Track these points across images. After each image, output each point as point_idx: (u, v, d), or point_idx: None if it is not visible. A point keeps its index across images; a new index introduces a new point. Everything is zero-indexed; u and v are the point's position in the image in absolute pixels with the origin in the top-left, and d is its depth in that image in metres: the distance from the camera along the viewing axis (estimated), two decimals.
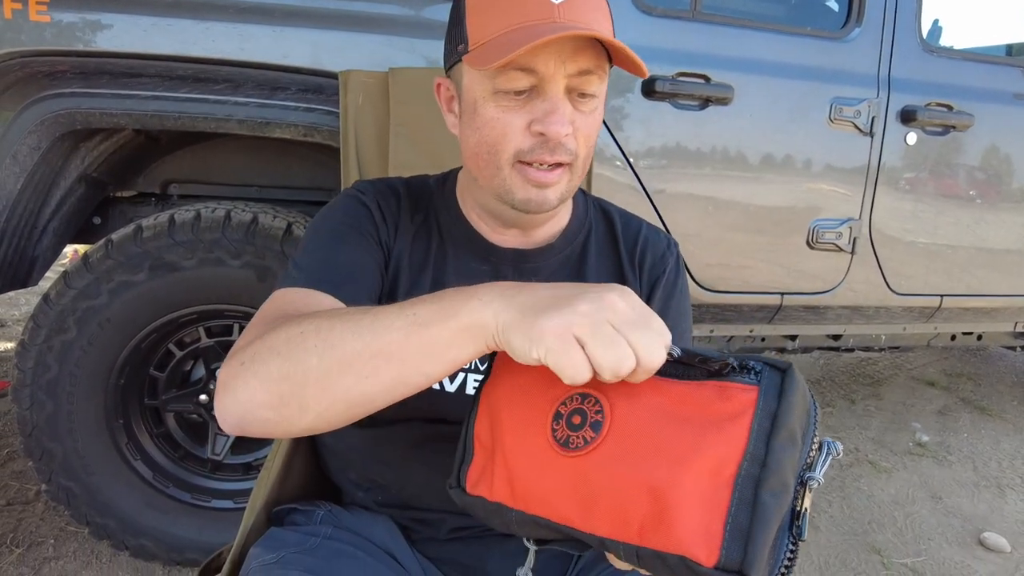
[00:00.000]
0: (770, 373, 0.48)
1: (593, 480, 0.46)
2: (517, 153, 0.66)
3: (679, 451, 0.45)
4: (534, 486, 0.50)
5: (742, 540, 0.42)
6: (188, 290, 1.34)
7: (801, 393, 0.47)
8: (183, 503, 1.47)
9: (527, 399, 0.52)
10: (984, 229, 1.87)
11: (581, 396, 0.49)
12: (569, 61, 0.63)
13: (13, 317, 3.48)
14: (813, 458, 0.47)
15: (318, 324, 0.52)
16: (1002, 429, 2.62)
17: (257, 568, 0.69)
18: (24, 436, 1.36)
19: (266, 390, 0.52)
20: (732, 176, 1.60)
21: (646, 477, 0.45)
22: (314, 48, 1.30)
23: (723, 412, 0.46)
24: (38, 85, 1.23)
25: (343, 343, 0.50)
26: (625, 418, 0.47)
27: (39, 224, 1.39)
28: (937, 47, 1.79)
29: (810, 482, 0.46)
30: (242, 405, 0.53)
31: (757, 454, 0.44)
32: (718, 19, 1.55)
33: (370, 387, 0.50)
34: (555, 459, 0.48)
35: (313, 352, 0.51)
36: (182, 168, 1.62)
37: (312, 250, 0.70)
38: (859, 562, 1.71)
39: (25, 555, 1.52)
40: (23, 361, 1.32)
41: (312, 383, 0.51)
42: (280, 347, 0.52)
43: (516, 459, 0.51)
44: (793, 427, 0.46)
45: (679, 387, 0.49)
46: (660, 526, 0.44)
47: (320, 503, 0.80)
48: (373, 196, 0.77)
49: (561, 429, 0.49)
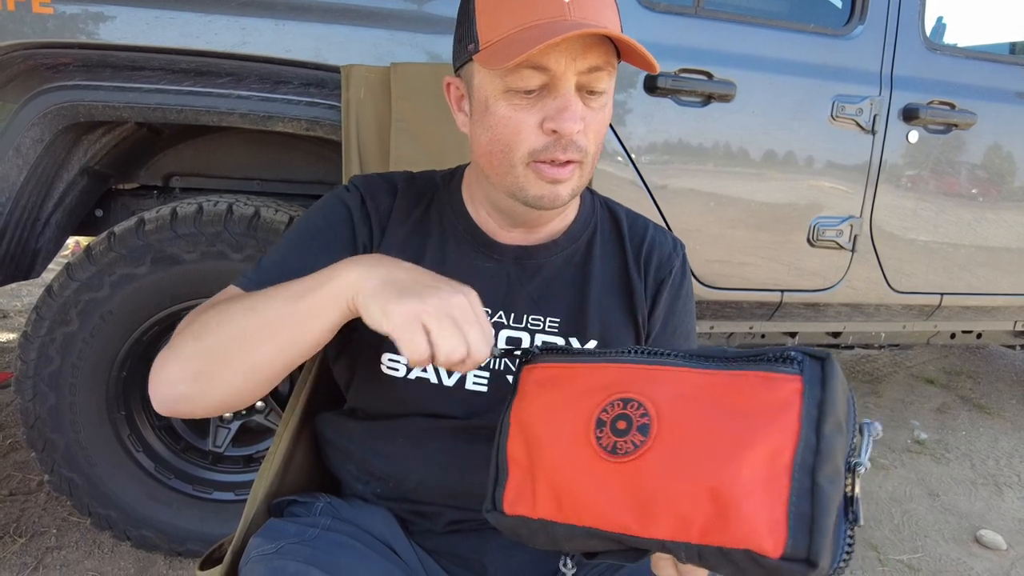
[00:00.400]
0: (811, 363, 0.48)
1: (648, 484, 0.46)
2: (531, 152, 0.66)
3: (733, 444, 0.45)
4: (584, 497, 0.49)
5: (807, 528, 0.42)
6: (190, 283, 1.35)
7: (841, 381, 0.48)
8: (185, 495, 1.48)
9: (564, 411, 0.51)
10: (985, 228, 1.87)
11: (623, 401, 0.49)
12: (580, 58, 0.63)
13: (15, 308, 3.50)
14: (857, 444, 0.47)
15: (222, 308, 0.62)
16: (1000, 427, 2.63)
17: (256, 558, 0.69)
18: (27, 427, 1.37)
19: (183, 367, 0.61)
20: (733, 173, 1.60)
21: (705, 475, 0.44)
22: (316, 42, 1.30)
23: (771, 401, 0.46)
24: (41, 77, 1.23)
25: (236, 321, 0.60)
26: (674, 418, 0.47)
27: (42, 216, 1.39)
28: (940, 45, 1.78)
29: (858, 468, 0.46)
30: (165, 383, 0.62)
31: (809, 441, 0.44)
32: (721, 15, 1.55)
33: (262, 356, 0.60)
34: (604, 467, 0.48)
35: (216, 331, 0.61)
36: (184, 161, 1.62)
37: (277, 251, 0.75)
38: (856, 558, 1.72)
39: (28, 545, 1.53)
40: (26, 352, 1.33)
41: (217, 358, 0.60)
42: (196, 331, 0.62)
43: (561, 472, 0.50)
44: (839, 414, 0.46)
45: (723, 377, 0.49)
46: (722, 522, 0.43)
47: (320, 495, 0.80)
48: (359, 193, 0.78)
49: (606, 436, 0.48)
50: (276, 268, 0.71)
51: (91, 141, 1.39)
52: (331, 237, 0.74)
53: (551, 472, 0.50)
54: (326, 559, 0.67)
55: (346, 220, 0.76)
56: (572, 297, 0.77)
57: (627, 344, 0.77)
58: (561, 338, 0.76)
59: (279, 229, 1.35)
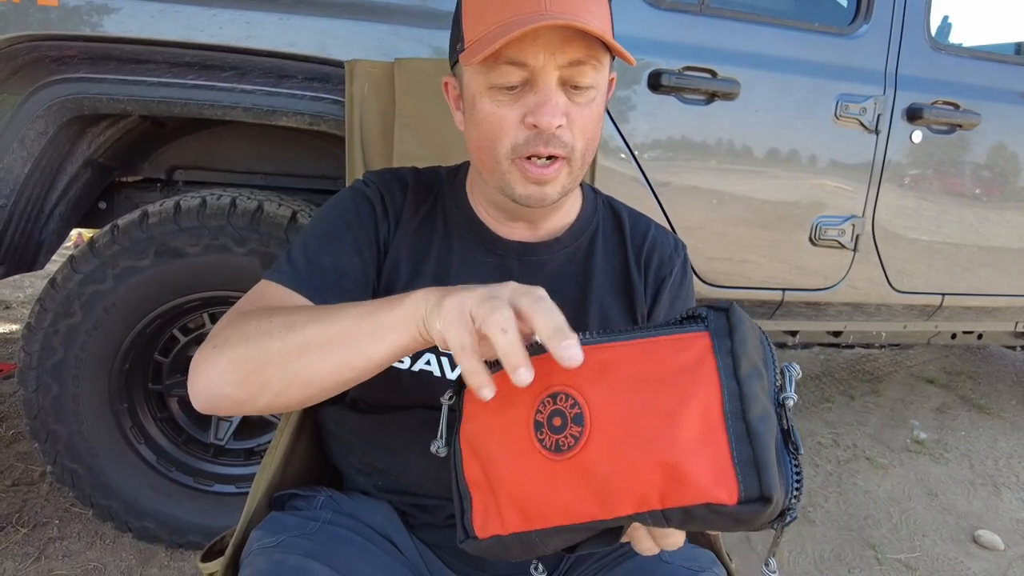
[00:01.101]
0: (715, 315, 0.50)
1: (600, 472, 0.47)
2: (514, 148, 0.66)
3: (663, 413, 0.46)
4: (546, 501, 0.49)
5: (753, 469, 0.44)
6: (193, 276, 1.36)
7: (749, 325, 0.50)
8: (186, 487, 1.49)
9: (503, 422, 0.52)
10: (987, 228, 1.87)
11: (551, 397, 0.50)
12: (559, 52, 0.63)
13: (18, 299, 3.50)
14: (781, 382, 0.50)
15: (285, 315, 0.59)
16: (1000, 428, 2.63)
17: (258, 551, 0.70)
18: (30, 418, 1.37)
19: (233, 370, 0.58)
20: (736, 171, 1.60)
21: (647, 450, 0.46)
22: (321, 37, 1.31)
23: (686, 362, 0.48)
24: (46, 70, 1.23)
25: (304, 329, 0.56)
26: (601, 402, 0.48)
27: (45, 208, 1.40)
28: (945, 45, 1.78)
29: (787, 401, 0.49)
30: (211, 383, 0.59)
31: (732, 389, 0.46)
32: (726, 13, 1.55)
33: (321, 368, 0.56)
34: (554, 467, 0.48)
35: (277, 337, 0.57)
36: (188, 154, 1.62)
37: (305, 246, 0.73)
38: (853, 556, 1.73)
39: (30, 535, 1.54)
40: (29, 344, 1.34)
41: (273, 364, 0.56)
42: (250, 333, 0.58)
43: (517, 484, 0.50)
44: (753, 358, 0.48)
45: (635, 348, 0.50)
46: (677, 486, 0.45)
47: (321, 489, 0.81)
48: (377, 188, 0.78)
49: (547, 436, 0.49)
50: (309, 263, 0.70)
51: (95, 134, 1.40)
52: (359, 233, 0.74)
53: (509, 486, 0.51)
54: (326, 553, 0.68)
55: (371, 215, 0.76)
56: (573, 294, 0.78)
57: None
58: None
59: (282, 223, 1.35)
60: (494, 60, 0.63)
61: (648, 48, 1.48)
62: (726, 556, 0.81)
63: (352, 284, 0.72)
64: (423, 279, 0.75)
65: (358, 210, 0.76)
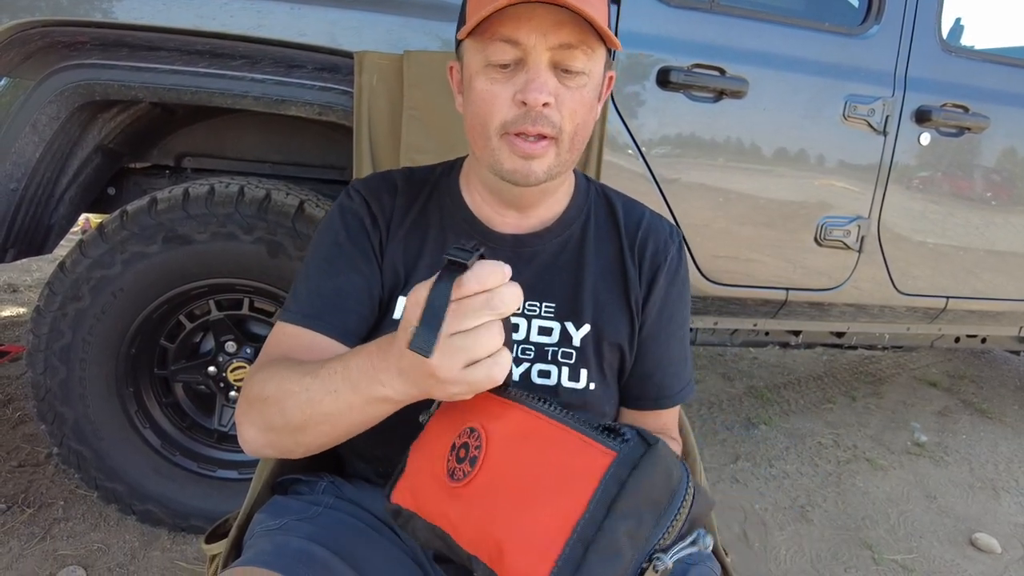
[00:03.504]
0: (634, 445, 0.50)
1: (463, 510, 0.54)
2: (503, 124, 0.69)
3: (530, 497, 0.49)
4: (428, 501, 0.58)
5: None
6: (200, 263, 1.37)
7: (662, 470, 0.49)
8: (189, 471, 1.51)
9: (441, 432, 0.60)
10: (993, 232, 1.87)
11: (470, 430, 0.56)
12: (551, 34, 0.66)
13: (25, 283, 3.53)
14: (670, 540, 0.49)
15: (277, 389, 0.62)
16: (1001, 433, 2.63)
17: (261, 533, 0.71)
18: (37, 400, 1.39)
19: (260, 436, 0.65)
20: (743, 169, 1.60)
21: (497, 520, 0.50)
22: (331, 27, 1.31)
23: (578, 467, 0.49)
24: (58, 55, 1.24)
25: (292, 414, 0.61)
26: (498, 456, 0.53)
27: (56, 193, 1.41)
28: (956, 47, 1.77)
29: (656, 562, 0.47)
30: (250, 445, 0.66)
31: (596, 516, 0.47)
32: (736, 12, 1.55)
33: (327, 436, 0.61)
34: (444, 486, 0.56)
35: (278, 415, 0.62)
36: (197, 142, 1.63)
37: (307, 278, 0.76)
38: (850, 556, 1.74)
39: (35, 515, 1.56)
40: (38, 327, 1.35)
41: (286, 435, 0.62)
42: (258, 405, 0.64)
43: (423, 480, 0.59)
44: (640, 502, 0.48)
45: (552, 430, 0.53)
46: (498, 561, 0.49)
47: (323, 474, 0.82)
48: (363, 199, 0.80)
49: (452, 460, 0.56)
50: (314, 297, 0.74)
51: (106, 119, 1.41)
52: (354, 253, 0.76)
53: (419, 479, 0.60)
54: (328, 536, 0.69)
55: (360, 229, 0.78)
56: (567, 282, 0.79)
57: (622, 328, 0.79)
58: (557, 322, 0.77)
59: (289, 212, 1.36)
60: (489, 37, 0.66)
61: (658, 44, 1.48)
62: (722, 551, 0.82)
63: (355, 303, 0.74)
64: (419, 274, 0.77)
65: (347, 228, 0.77)
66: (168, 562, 1.46)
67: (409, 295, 0.50)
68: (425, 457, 0.60)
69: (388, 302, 0.77)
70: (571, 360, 0.76)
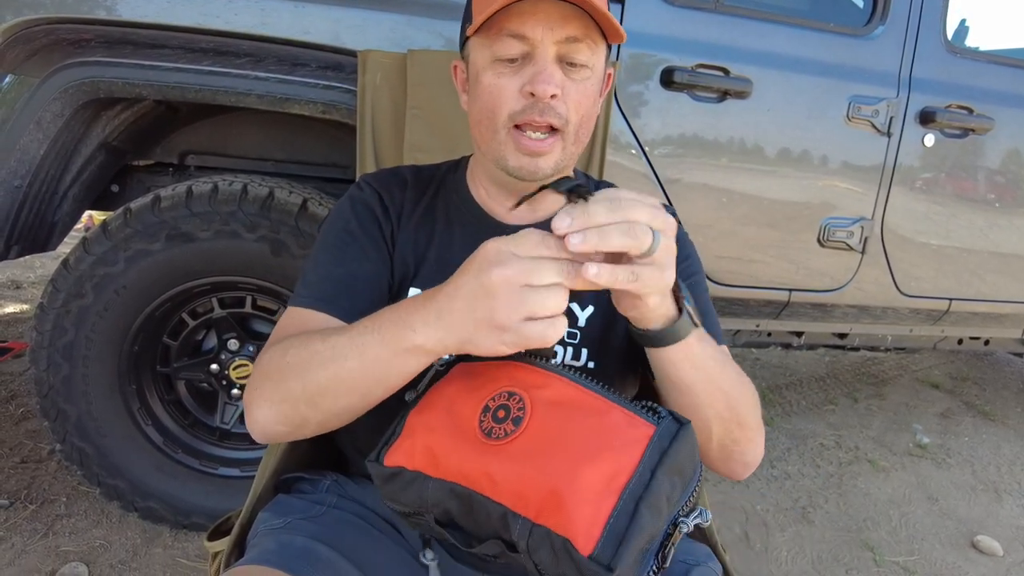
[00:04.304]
0: (670, 422, 0.57)
1: (506, 466, 0.55)
2: (511, 116, 0.70)
3: (582, 455, 0.53)
4: (457, 460, 0.57)
5: (616, 541, 0.50)
6: (203, 261, 1.37)
7: (690, 446, 0.57)
8: (191, 469, 1.51)
9: (465, 394, 0.60)
10: (997, 234, 1.86)
11: (508, 394, 0.57)
12: (557, 28, 0.67)
13: (28, 279, 3.54)
14: (688, 509, 0.56)
15: (298, 354, 0.62)
16: (1004, 435, 2.62)
17: (264, 532, 0.71)
18: (40, 396, 1.39)
19: (274, 410, 0.63)
20: (746, 170, 1.60)
21: (551, 472, 0.53)
22: (335, 25, 1.31)
23: (625, 435, 0.55)
24: (63, 53, 1.24)
25: (315, 374, 0.60)
26: (544, 419, 0.56)
27: (60, 190, 1.41)
28: (961, 48, 1.77)
29: (681, 524, 0.55)
30: (260, 423, 0.64)
31: (643, 477, 0.53)
32: (741, 12, 1.54)
33: (345, 403, 0.61)
34: (478, 444, 0.56)
35: (297, 381, 0.61)
36: (200, 139, 1.63)
37: (317, 264, 0.76)
38: (851, 558, 1.74)
39: (38, 512, 1.57)
40: (41, 324, 1.35)
41: (303, 403, 0.61)
42: (274, 375, 0.63)
43: (447, 441, 0.58)
44: (677, 468, 0.55)
45: (598, 402, 0.58)
46: (555, 510, 0.52)
47: (327, 473, 0.82)
48: (374, 190, 0.81)
49: (487, 421, 0.57)
50: (325, 282, 0.73)
51: (110, 117, 1.41)
52: (365, 240, 0.77)
53: (437, 438, 0.59)
54: (332, 535, 0.69)
55: (371, 218, 0.78)
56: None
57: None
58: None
59: (292, 211, 1.36)
60: (496, 32, 0.68)
61: (662, 44, 1.48)
62: (722, 551, 0.82)
63: (367, 288, 0.74)
64: (428, 266, 0.77)
65: (357, 217, 0.78)
66: (169, 559, 1.46)
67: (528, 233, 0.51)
68: (437, 420, 0.60)
69: (398, 292, 0.77)
70: (575, 340, 0.77)
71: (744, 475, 0.71)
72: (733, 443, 0.67)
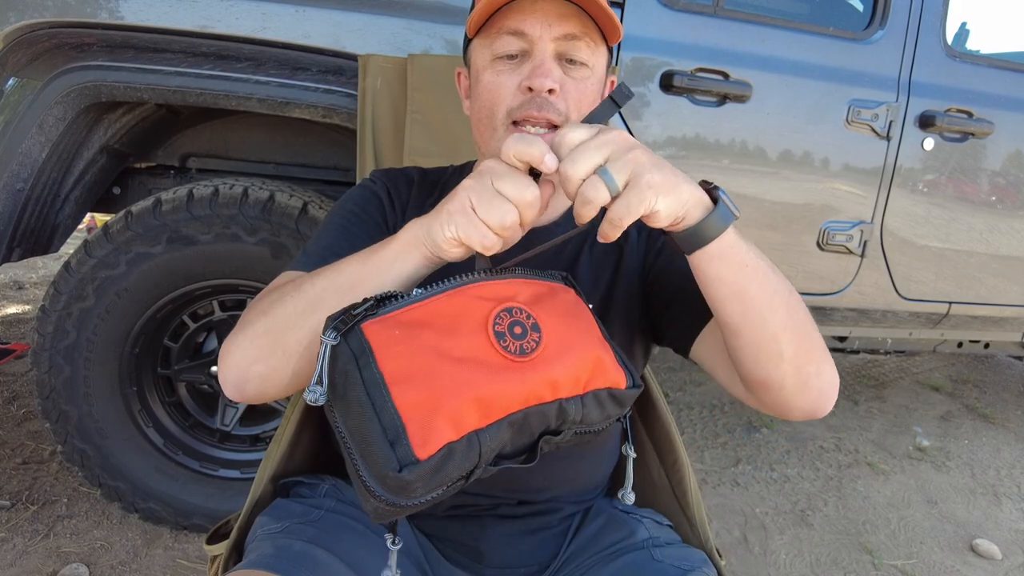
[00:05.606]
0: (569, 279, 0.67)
1: (554, 366, 0.57)
2: (509, 112, 0.71)
3: (583, 325, 0.62)
4: (508, 392, 0.55)
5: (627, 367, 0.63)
6: (204, 264, 1.37)
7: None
8: (192, 471, 1.52)
9: (455, 338, 0.55)
10: (997, 237, 1.86)
11: (507, 311, 0.58)
12: (555, 25, 0.69)
13: (31, 280, 3.55)
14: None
15: (295, 283, 0.63)
16: (1004, 438, 2.62)
17: (263, 536, 0.72)
18: (42, 398, 1.40)
19: (254, 346, 0.61)
20: (746, 173, 1.60)
21: (587, 347, 0.60)
22: (335, 29, 1.32)
23: (571, 300, 0.64)
24: (65, 56, 1.25)
25: (313, 287, 0.61)
26: (544, 315, 0.59)
27: (61, 192, 1.42)
28: (961, 52, 1.77)
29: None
30: (237, 365, 0.62)
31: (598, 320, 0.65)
32: (740, 15, 1.55)
33: (335, 303, 0.57)
34: (519, 366, 0.56)
35: (290, 302, 0.61)
36: (201, 142, 1.64)
37: (320, 236, 0.77)
38: (850, 561, 1.74)
39: (39, 512, 1.57)
40: (43, 326, 1.36)
41: (291, 327, 0.60)
42: (266, 308, 0.62)
43: (483, 385, 0.53)
44: None
45: (543, 286, 0.63)
46: (599, 373, 0.60)
47: (325, 477, 0.82)
48: (384, 183, 0.84)
49: (511, 343, 0.56)
50: (325, 250, 0.73)
51: (111, 120, 1.42)
52: (368, 222, 0.79)
53: (472, 390, 0.53)
54: (330, 540, 0.69)
55: (379, 207, 0.81)
56: (569, 258, 0.81)
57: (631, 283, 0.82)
58: None
59: (293, 214, 1.37)
60: (496, 31, 0.69)
61: (661, 48, 1.48)
62: (716, 555, 0.82)
63: None
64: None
65: (366, 203, 0.81)
66: (170, 560, 1.47)
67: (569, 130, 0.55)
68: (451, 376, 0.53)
69: None
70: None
71: (824, 408, 0.66)
72: (807, 360, 0.62)
